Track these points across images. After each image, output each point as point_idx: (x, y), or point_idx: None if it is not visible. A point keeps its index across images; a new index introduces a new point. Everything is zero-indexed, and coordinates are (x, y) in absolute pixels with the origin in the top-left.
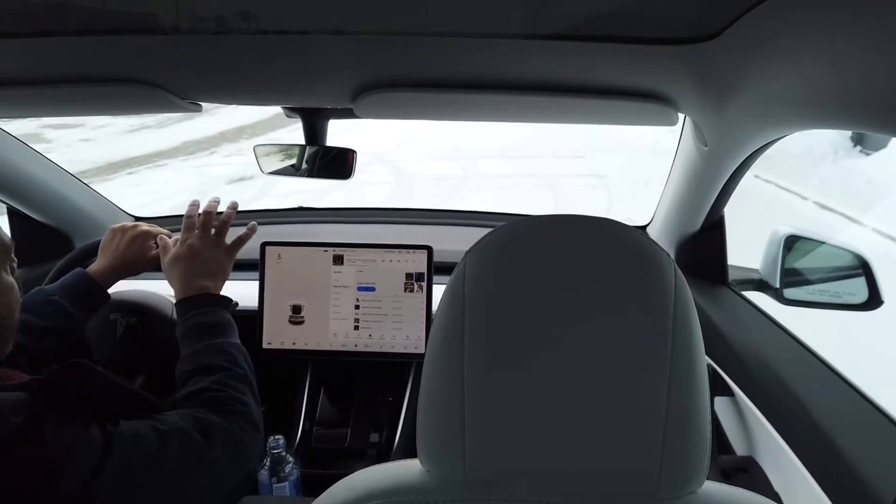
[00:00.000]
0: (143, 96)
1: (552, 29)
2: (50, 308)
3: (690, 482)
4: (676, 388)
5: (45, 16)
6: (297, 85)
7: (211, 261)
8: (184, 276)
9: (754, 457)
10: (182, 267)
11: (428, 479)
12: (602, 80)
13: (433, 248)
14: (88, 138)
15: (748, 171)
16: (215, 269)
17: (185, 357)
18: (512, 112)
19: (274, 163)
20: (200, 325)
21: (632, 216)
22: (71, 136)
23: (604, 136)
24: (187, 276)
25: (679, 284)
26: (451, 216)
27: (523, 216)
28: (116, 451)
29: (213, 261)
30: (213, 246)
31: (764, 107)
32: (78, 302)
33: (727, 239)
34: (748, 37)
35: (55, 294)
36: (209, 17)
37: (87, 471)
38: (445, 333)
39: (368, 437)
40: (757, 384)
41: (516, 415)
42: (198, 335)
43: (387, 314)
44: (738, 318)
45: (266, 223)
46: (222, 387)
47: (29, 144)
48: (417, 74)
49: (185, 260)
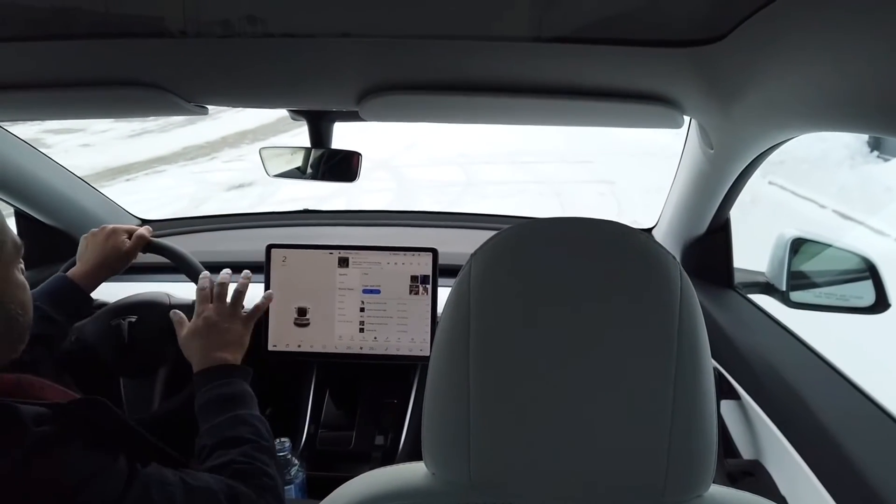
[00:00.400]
0: (149, 99)
1: (558, 31)
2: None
3: (697, 486)
4: (682, 391)
5: (53, 20)
6: (302, 88)
7: (229, 332)
8: (202, 349)
9: (761, 460)
10: (200, 341)
11: (433, 482)
12: (607, 82)
13: (438, 251)
14: (88, 143)
15: (763, 179)
16: (233, 339)
17: (206, 430)
18: (517, 115)
19: (280, 165)
20: (221, 396)
21: (643, 225)
22: (71, 140)
23: (612, 140)
24: (205, 349)
25: (685, 287)
26: (456, 219)
27: (529, 218)
28: (137, 489)
29: (231, 332)
30: (229, 317)
31: (770, 109)
32: (59, 306)
33: (733, 242)
34: (754, 39)
35: (37, 300)
36: (216, 21)
37: (101, 502)
38: (451, 336)
39: (373, 439)
40: (763, 387)
41: (521, 418)
42: (219, 407)
43: (392, 316)
44: (744, 321)
45: (271, 226)
46: (249, 459)
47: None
48: (423, 77)
49: (202, 333)
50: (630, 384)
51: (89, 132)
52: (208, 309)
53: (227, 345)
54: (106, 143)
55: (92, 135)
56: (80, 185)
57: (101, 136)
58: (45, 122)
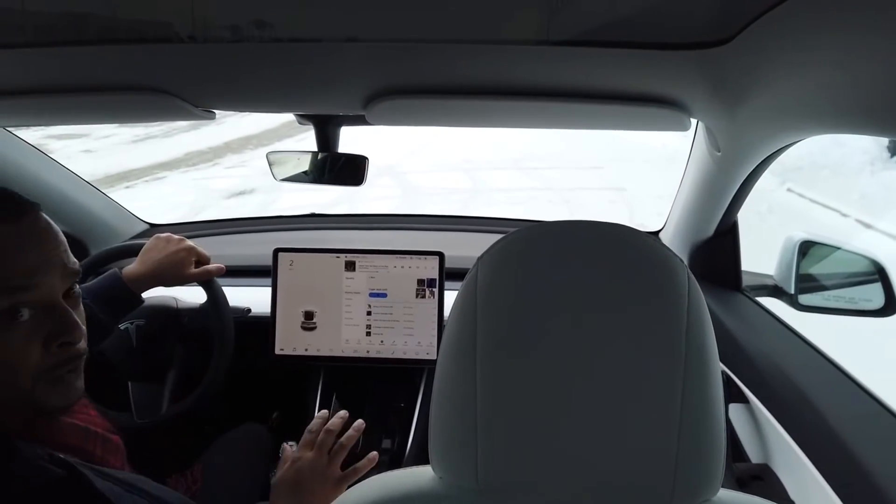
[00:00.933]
0: (157, 104)
1: (565, 35)
2: None
3: (705, 490)
4: (690, 394)
5: (63, 26)
6: (309, 92)
7: (315, 492)
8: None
9: (770, 464)
10: (286, 498)
11: (440, 486)
12: (614, 85)
13: (445, 254)
14: (90, 149)
15: (780, 187)
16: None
17: None
18: (524, 118)
19: (287, 170)
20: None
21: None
22: (74, 146)
23: (623, 145)
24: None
25: (692, 290)
26: (462, 222)
27: (535, 222)
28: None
29: (318, 494)
30: (321, 476)
31: (778, 111)
32: (108, 305)
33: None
34: (761, 41)
35: (86, 298)
36: (224, 26)
37: None
38: (457, 339)
39: (380, 443)
40: (772, 391)
41: (529, 422)
42: None
43: (398, 320)
44: (753, 324)
45: (279, 230)
46: None
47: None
48: (430, 81)
49: (291, 488)
50: (638, 387)
51: (92, 137)
52: (305, 458)
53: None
54: (108, 149)
55: (95, 140)
56: (88, 188)
57: (103, 142)
58: (48, 127)
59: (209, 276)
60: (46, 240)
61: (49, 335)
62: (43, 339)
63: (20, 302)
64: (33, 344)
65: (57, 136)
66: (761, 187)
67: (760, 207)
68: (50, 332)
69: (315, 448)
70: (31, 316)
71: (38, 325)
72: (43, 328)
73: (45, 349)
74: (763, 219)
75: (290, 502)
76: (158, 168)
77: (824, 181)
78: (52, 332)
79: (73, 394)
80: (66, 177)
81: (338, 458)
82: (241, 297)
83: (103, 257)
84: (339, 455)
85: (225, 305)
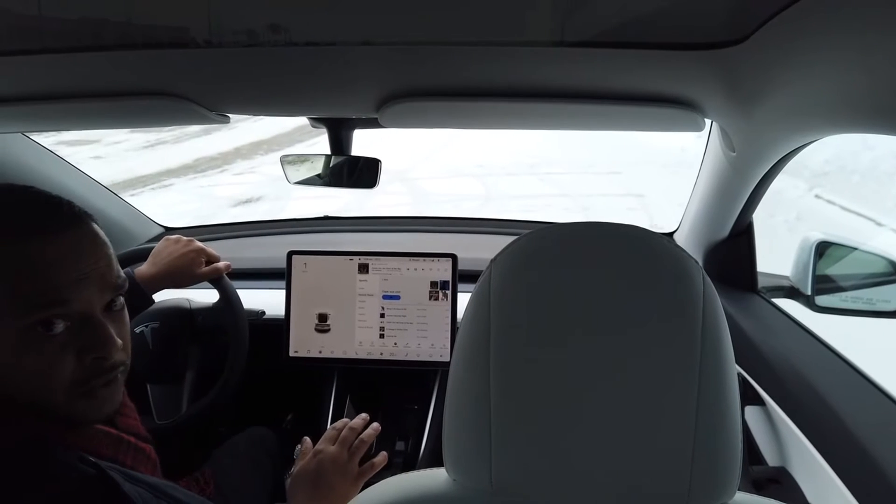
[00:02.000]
0: (173, 109)
1: (580, 36)
2: None
3: (721, 493)
4: (706, 396)
5: (81, 32)
6: (323, 95)
7: (334, 488)
8: (304, 496)
9: (787, 468)
10: (306, 490)
11: (454, 488)
12: (629, 86)
13: (458, 256)
14: (100, 155)
15: (809, 193)
16: (337, 497)
17: None
18: (538, 120)
19: (300, 173)
20: None
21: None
22: (84, 152)
23: (641, 149)
24: (307, 497)
25: (707, 291)
26: (475, 224)
27: (549, 224)
28: None
29: (337, 488)
30: (341, 470)
31: (793, 111)
32: None
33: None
34: (777, 40)
35: None
36: (240, 31)
37: None
38: (471, 342)
39: (394, 445)
40: (789, 393)
41: (543, 424)
42: None
43: (412, 322)
44: (769, 326)
45: (292, 232)
46: None
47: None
48: (443, 83)
49: (311, 480)
50: (653, 389)
51: (103, 143)
52: (328, 451)
53: (328, 500)
54: (118, 155)
55: (105, 146)
56: (104, 192)
57: (113, 148)
58: (60, 133)
59: (219, 274)
60: (91, 253)
61: (83, 348)
62: (76, 351)
63: (54, 315)
64: (67, 356)
65: (67, 143)
66: (789, 194)
67: (789, 216)
68: (84, 345)
69: (338, 442)
70: (65, 328)
71: (73, 337)
72: (77, 341)
73: (79, 362)
74: (792, 228)
75: (310, 494)
76: (166, 175)
77: (855, 187)
78: (85, 345)
79: (107, 407)
80: (83, 181)
81: (358, 454)
82: (256, 299)
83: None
84: (360, 451)
85: (237, 301)
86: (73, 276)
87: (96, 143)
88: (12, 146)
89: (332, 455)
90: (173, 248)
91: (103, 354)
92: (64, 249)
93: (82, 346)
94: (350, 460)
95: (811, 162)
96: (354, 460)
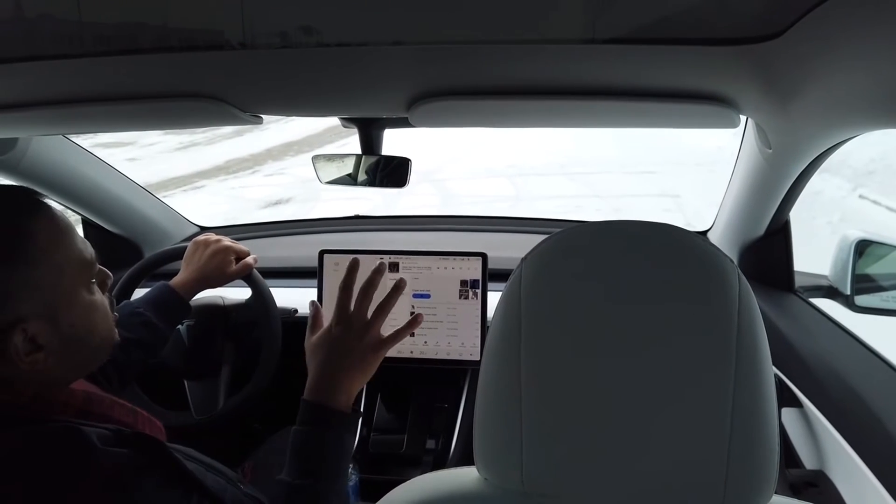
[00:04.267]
0: (208, 110)
1: (612, 33)
2: (136, 320)
3: (757, 496)
4: (742, 398)
5: (120, 36)
6: (354, 95)
7: (352, 353)
8: (321, 365)
9: (825, 471)
10: (323, 354)
11: (485, 487)
12: (662, 82)
13: (488, 255)
14: (135, 157)
15: (853, 193)
16: (355, 362)
17: (285, 486)
18: (570, 117)
19: (331, 172)
20: (313, 452)
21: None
22: (119, 154)
23: (676, 148)
24: (325, 365)
25: (743, 291)
26: (505, 223)
27: (580, 222)
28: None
29: (355, 352)
30: (358, 337)
31: (832, 106)
32: (161, 314)
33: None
34: (814, 34)
35: (140, 307)
36: (273, 33)
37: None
38: (501, 341)
39: (425, 443)
40: (827, 395)
41: (574, 424)
42: (304, 464)
43: (442, 321)
44: (806, 327)
45: (324, 232)
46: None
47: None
48: (473, 82)
49: (325, 348)
50: (687, 391)
51: (138, 146)
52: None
53: (350, 368)
54: (152, 157)
55: (140, 148)
56: (143, 193)
57: (148, 150)
58: (97, 135)
59: (249, 269)
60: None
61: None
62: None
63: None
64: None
65: (104, 145)
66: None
67: (832, 217)
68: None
69: (357, 302)
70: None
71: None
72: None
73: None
74: (836, 229)
75: (324, 363)
76: (197, 177)
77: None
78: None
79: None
80: (121, 182)
81: (380, 318)
82: (288, 298)
83: (153, 261)
84: (383, 314)
85: (269, 297)
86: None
87: (131, 145)
88: (55, 148)
89: (356, 315)
90: (203, 251)
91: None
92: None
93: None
94: (373, 323)
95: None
96: (377, 325)
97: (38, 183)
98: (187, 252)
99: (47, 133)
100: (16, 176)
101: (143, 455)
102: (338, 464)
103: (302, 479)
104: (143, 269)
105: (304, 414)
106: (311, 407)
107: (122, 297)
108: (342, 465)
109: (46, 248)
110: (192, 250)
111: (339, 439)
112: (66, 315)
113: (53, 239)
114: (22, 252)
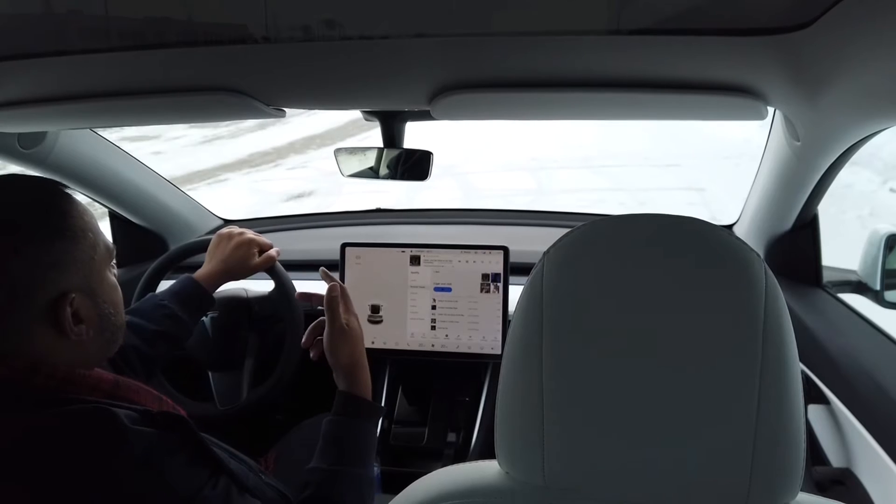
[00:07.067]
0: (231, 104)
1: (637, 24)
2: (160, 312)
3: (783, 494)
4: (767, 394)
5: (145, 31)
6: (376, 88)
7: (359, 342)
8: (352, 355)
9: (852, 469)
10: (349, 345)
11: (507, 480)
12: (688, 74)
13: (509, 249)
14: (160, 151)
15: (883, 186)
16: (360, 356)
17: (318, 473)
18: (594, 110)
19: (353, 165)
20: (361, 443)
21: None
22: (144, 148)
23: (701, 140)
24: (355, 355)
25: (770, 285)
26: (527, 216)
27: (603, 216)
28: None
29: (361, 343)
30: (360, 334)
31: (862, 97)
32: (185, 306)
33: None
34: (845, 23)
35: (165, 299)
36: (297, 26)
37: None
38: (523, 335)
39: (446, 436)
40: (855, 392)
41: (598, 420)
42: (338, 450)
43: (463, 314)
44: (834, 322)
45: (345, 225)
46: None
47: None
48: (496, 74)
49: (355, 336)
50: (712, 386)
51: (163, 139)
52: (351, 324)
53: (363, 356)
54: (177, 151)
55: (165, 142)
56: (168, 187)
57: (173, 144)
58: (122, 129)
59: (272, 262)
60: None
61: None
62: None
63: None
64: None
65: (130, 138)
66: (861, 188)
67: (861, 211)
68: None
69: (342, 307)
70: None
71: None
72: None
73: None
74: (865, 224)
75: (354, 353)
76: (221, 170)
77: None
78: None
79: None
80: (147, 175)
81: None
82: (310, 289)
83: (178, 254)
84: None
85: (291, 290)
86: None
87: (156, 138)
88: (83, 142)
89: (356, 318)
90: (227, 244)
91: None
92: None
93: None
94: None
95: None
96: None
97: (66, 176)
98: (211, 245)
99: (75, 127)
100: (44, 169)
101: (171, 434)
102: (369, 452)
103: (339, 465)
104: (168, 262)
105: (342, 406)
106: (349, 398)
107: (148, 289)
108: (372, 454)
109: (83, 227)
110: (215, 243)
111: (372, 428)
112: (100, 291)
113: (87, 220)
114: (66, 229)
